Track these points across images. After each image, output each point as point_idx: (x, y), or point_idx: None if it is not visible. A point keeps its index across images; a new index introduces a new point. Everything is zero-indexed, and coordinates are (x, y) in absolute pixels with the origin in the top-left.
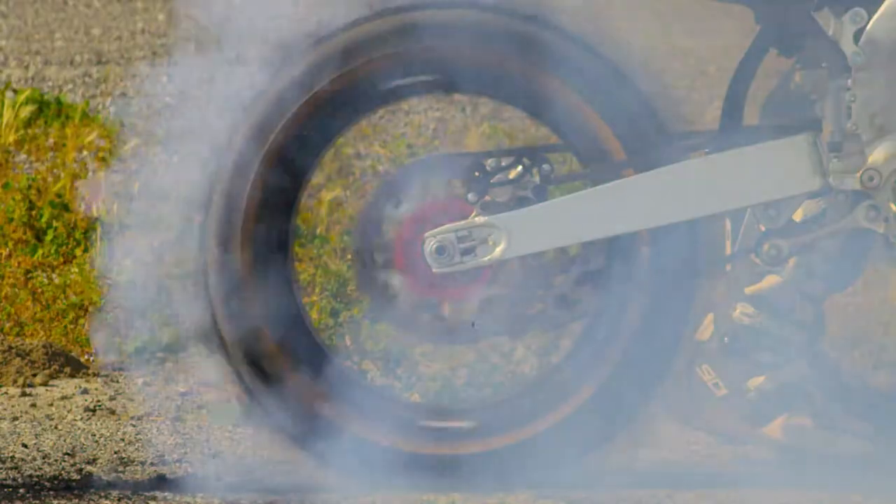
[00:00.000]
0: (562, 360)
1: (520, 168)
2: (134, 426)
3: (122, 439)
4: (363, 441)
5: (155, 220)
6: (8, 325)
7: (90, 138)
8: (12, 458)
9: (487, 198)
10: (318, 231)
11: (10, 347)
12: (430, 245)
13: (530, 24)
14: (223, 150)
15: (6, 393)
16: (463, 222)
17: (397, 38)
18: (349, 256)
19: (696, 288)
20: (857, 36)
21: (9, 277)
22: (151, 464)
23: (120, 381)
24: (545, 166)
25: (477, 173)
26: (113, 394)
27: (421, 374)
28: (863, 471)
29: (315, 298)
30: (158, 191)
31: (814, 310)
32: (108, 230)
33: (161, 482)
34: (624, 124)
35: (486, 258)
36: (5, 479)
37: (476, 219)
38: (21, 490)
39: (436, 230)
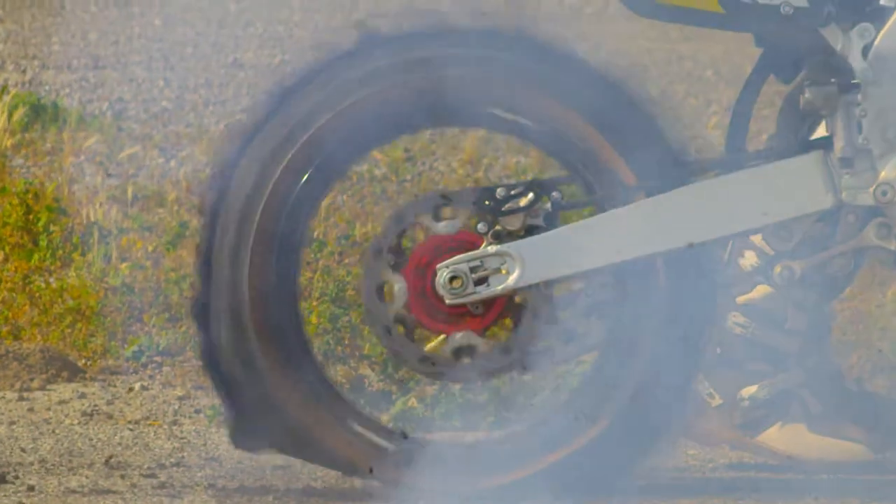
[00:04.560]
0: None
1: (531, 195)
2: (131, 430)
3: (120, 443)
4: None
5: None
6: (5, 329)
7: (88, 143)
8: (9, 462)
9: (498, 227)
10: (315, 235)
11: (8, 351)
12: (443, 276)
13: (533, 51)
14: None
15: (3, 397)
16: (475, 252)
17: (409, 69)
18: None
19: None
20: (865, 51)
21: (6, 282)
22: (148, 468)
23: (117, 385)
24: (555, 193)
25: (487, 202)
26: (110, 398)
27: (418, 379)
28: (861, 477)
29: (314, 304)
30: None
31: (806, 318)
32: (105, 234)
33: (158, 487)
34: (633, 149)
35: (499, 287)
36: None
37: (488, 248)
38: (20, 494)
39: (448, 260)
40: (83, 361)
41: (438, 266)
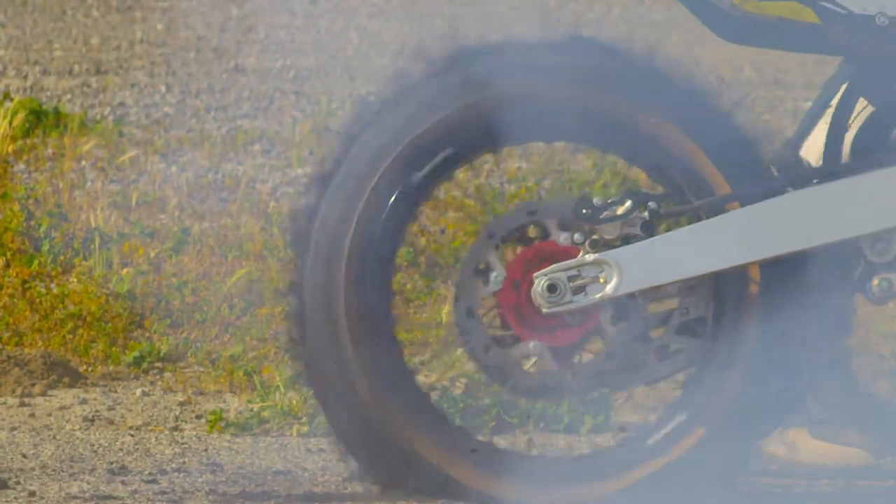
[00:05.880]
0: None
1: (628, 204)
2: (132, 436)
3: (121, 449)
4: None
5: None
6: (6, 334)
7: (89, 148)
8: (11, 468)
9: (595, 236)
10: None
11: (9, 357)
12: (540, 284)
13: (625, 63)
14: None
15: (4, 403)
16: (573, 260)
17: (501, 79)
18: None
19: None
20: None
21: (7, 287)
22: (150, 474)
23: (118, 390)
24: (652, 203)
25: (585, 211)
26: (111, 404)
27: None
28: (863, 481)
29: None
30: None
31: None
32: (106, 240)
33: (159, 492)
34: (726, 158)
35: (597, 296)
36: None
37: (586, 256)
38: (21, 500)
39: (545, 269)
40: (84, 367)
41: (535, 275)
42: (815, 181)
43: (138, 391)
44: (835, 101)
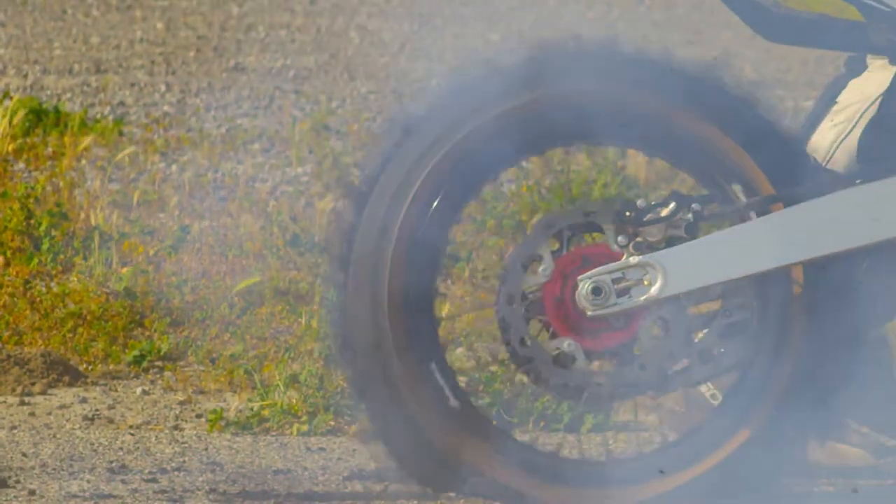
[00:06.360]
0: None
1: (672, 206)
2: (132, 435)
3: (121, 448)
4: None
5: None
6: (6, 333)
7: (89, 147)
8: (11, 466)
9: (639, 238)
10: (316, 240)
11: (9, 356)
12: (585, 287)
13: (666, 65)
14: None
15: (5, 402)
16: (617, 263)
17: (545, 83)
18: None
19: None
20: None
21: (7, 286)
22: (150, 473)
23: (118, 389)
24: (696, 204)
25: (628, 213)
26: (111, 402)
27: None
28: (865, 480)
29: (314, 308)
30: None
31: None
32: (106, 239)
33: (159, 491)
34: (769, 159)
35: (642, 298)
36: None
37: (630, 259)
38: (21, 498)
39: (590, 272)
40: (84, 366)
41: (580, 278)
42: (858, 181)
43: (138, 390)
44: (843, 98)
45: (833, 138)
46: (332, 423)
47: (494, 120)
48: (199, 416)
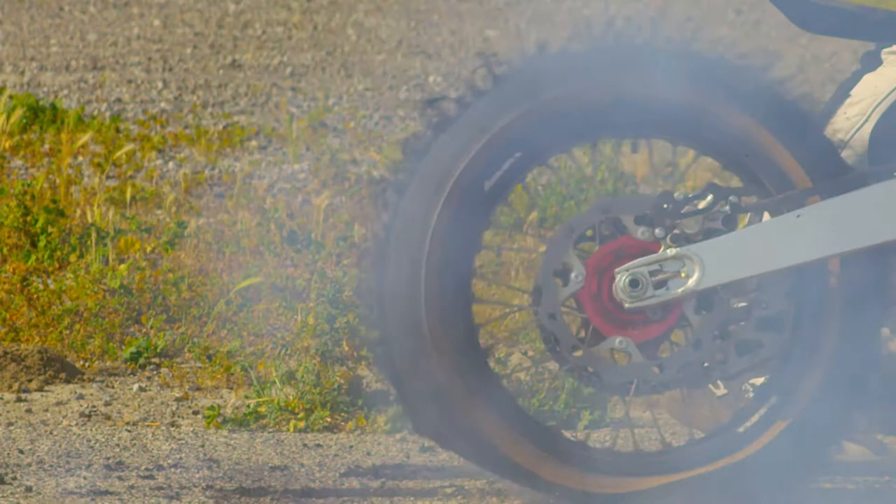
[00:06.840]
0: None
1: (709, 198)
2: (129, 431)
3: (118, 445)
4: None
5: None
6: (3, 330)
7: (86, 144)
8: (7, 463)
9: (676, 231)
10: (312, 236)
11: (6, 353)
12: (623, 279)
13: (703, 59)
14: None
15: (1, 398)
16: (655, 255)
17: (584, 75)
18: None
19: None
20: None
21: (4, 283)
22: (146, 469)
23: (115, 386)
24: (733, 197)
25: (666, 206)
26: (108, 399)
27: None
28: (865, 476)
29: (311, 304)
30: None
31: None
32: (103, 235)
33: (156, 488)
34: (806, 151)
35: (679, 290)
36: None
37: (668, 251)
38: (17, 495)
39: (627, 265)
40: (81, 363)
41: (617, 270)
42: (895, 174)
43: (135, 387)
44: (856, 92)
45: (846, 131)
46: (329, 419)
47: (545, 105)
48: (195, 413)
